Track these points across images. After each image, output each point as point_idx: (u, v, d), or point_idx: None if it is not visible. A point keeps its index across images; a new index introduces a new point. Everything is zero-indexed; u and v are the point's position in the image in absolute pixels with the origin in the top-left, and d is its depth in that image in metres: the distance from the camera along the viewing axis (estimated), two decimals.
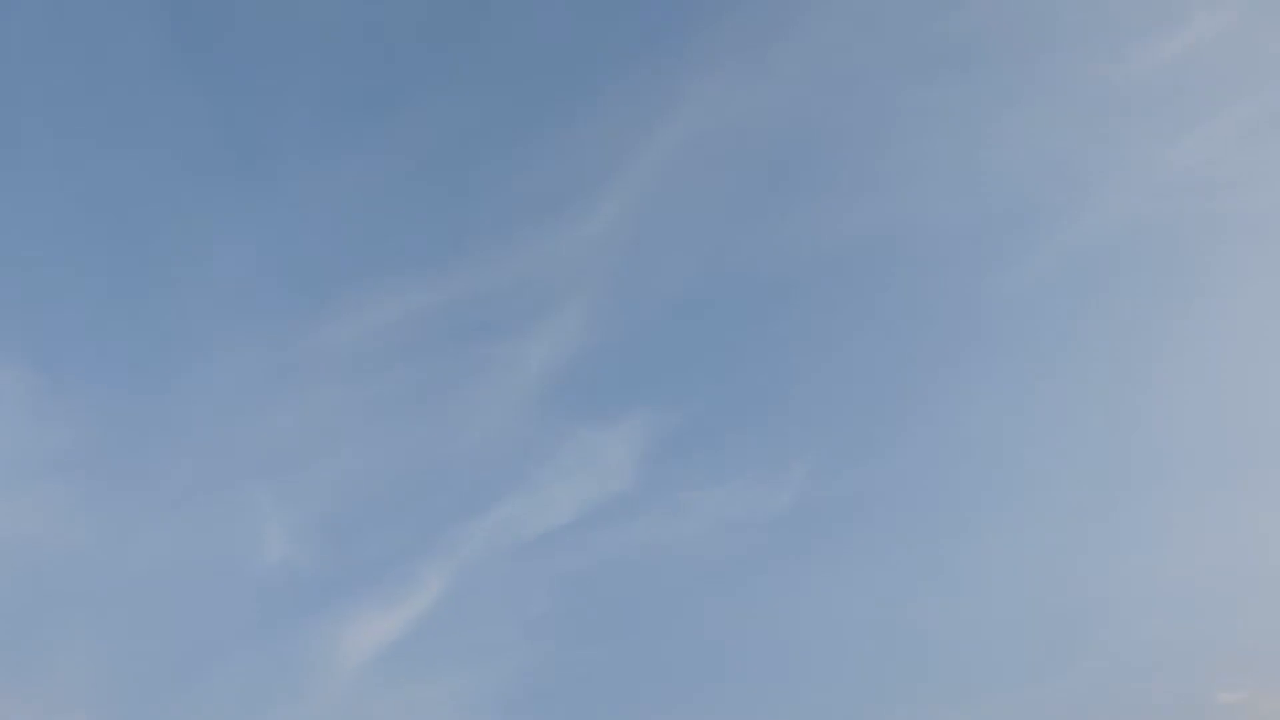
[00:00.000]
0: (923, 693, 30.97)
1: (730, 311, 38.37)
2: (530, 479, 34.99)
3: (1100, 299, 36.95)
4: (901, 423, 36.43)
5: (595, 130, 38.38)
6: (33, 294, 35.26)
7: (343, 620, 32.36)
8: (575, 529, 34.16)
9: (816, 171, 38.86)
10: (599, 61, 38.78)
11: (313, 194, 37.35)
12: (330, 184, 37.41)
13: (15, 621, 30.90)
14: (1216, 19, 36.30)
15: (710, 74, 38.63)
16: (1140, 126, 37.09)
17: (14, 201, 35.76)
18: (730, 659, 32.56)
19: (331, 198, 37.37)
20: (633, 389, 36.97)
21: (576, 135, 38.37)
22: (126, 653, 31.20)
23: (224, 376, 35.63)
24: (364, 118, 38.02)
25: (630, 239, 38.13)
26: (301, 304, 36.63)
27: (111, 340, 35.60)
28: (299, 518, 33.86)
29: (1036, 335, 37.27)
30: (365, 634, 32.12)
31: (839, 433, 36.42)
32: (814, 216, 38.29)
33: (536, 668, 32.19)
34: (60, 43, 36.36)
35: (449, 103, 38.45)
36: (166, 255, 36.88)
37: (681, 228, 38.68)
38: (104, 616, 31.71)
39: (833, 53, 38.65)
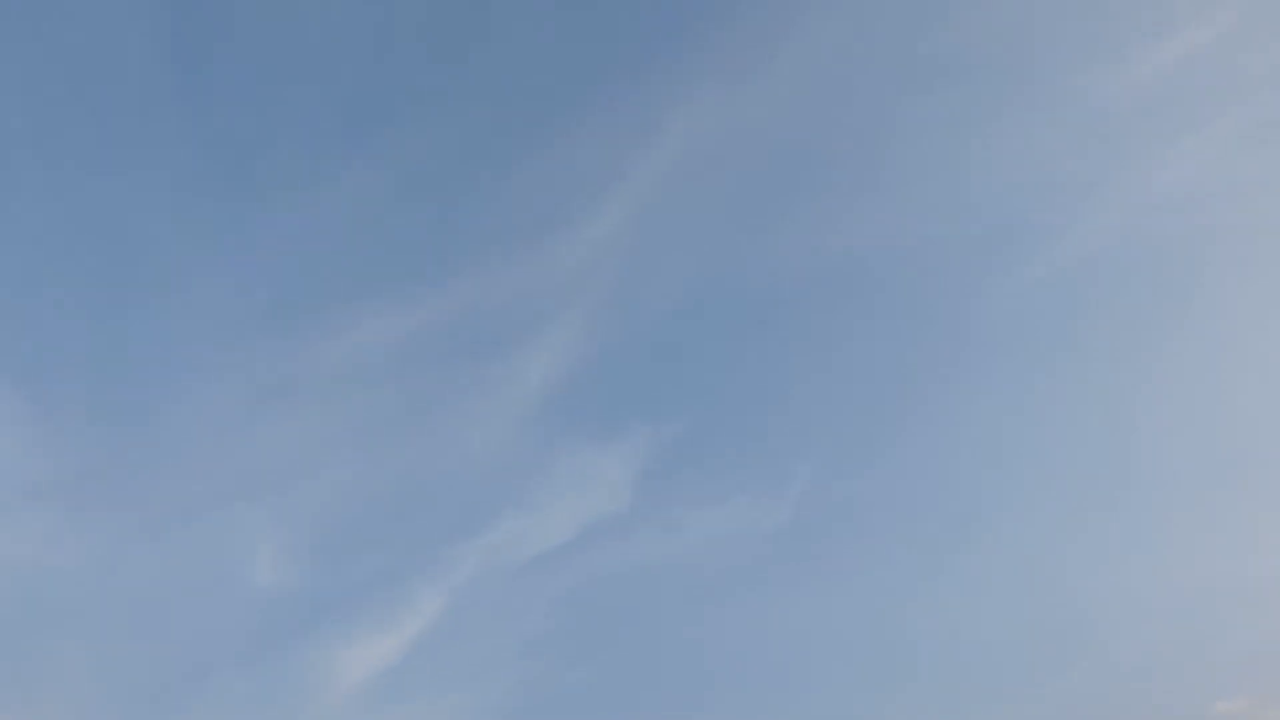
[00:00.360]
0: (921, 701, 30.94)
1: (726, 325, 38.45)
2: (527, 497, 34.88)
3: (1093, 309, 37.13)
4: (898, 433, 36.53)
5: (589, 147, 38.39)
6: (19, 318, 34.89)
7: (337, 642, 32.14)
8: (572, 548, 34.05)
9: (811, 186, 38.92)
10: (592, 78, 38.79)
11: (304, 212, 37.16)
12: (322, 202, 37.24)
13: (4, 645, 30.49)
14: (1204, 31, 36.60)
15: (705, 88, 38.76)
16: (1131, 138, 37.36)
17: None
18: (728, 675, 32.44)
19: (324, 216, 37.20)
20: (629, 405, 36.93)
21: (570, 151, 38.36)
22: (117, 676, 30.81)
23: (214, 398, 35.35)
24: (356, 136, 37.87)
25: (625, 254, 38.15)
26: (292, 324, 36.41)
27: (99, 363, 35.21)
28: (291, 539, 33.64)
29: (1030, 345, 37.43)
30: (360, 655, 31.88)
31: (835, 445, 36.46)
32: (808, 231, 38.41)
33: (533, 686, 32.03)
34: (49, 64, 36.05)
35: (442, 119, 38.40)
36: (155, 277, 36.63)
37: (676, 242, 38.71)
38: (93, 640, 31.37)
39: (827, 67, 38.83)
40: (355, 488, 34.61)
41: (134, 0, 36.07)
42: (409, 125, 37.86)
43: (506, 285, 37.29)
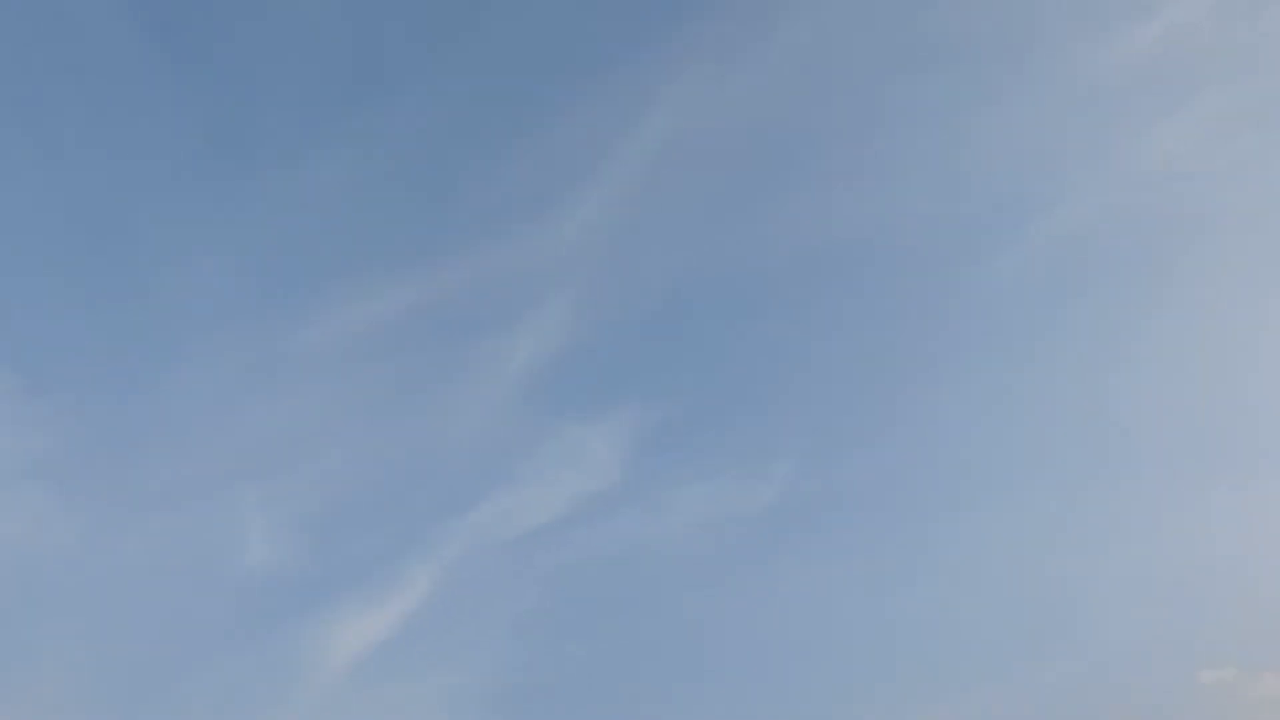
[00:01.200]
0: (906, 686, 31.07)
1: (713, 308, 38.61)
2: (515, 476, 35.07)
3: (1078, 289, 37.39)
4: (884, 418, 36.69)
5: (578, 128, 38.57)
6: (10, 298, 35.09)
7: (329, 620, 32.28)
8: (560, 526, 34.24)
9: (799, 168, 39.12)
10: (582, 60, 39.06)
11: (293, 193, 37.34)
12: (311, 183, 37.43)
13: None
14: (1186, 10, 36.94)
15: (694, 71, 38.95)
16: (1115, 118, 37.62)
17: None
18: (715, 653, 32.64)
19: (312, 197, 37.39)
20: (617, 385, 37.10)
21: (560, 133, 38.56)
22: (111, 654, 30.97)
23: (205, 378, 35.55)
24: (344, 118, 38.08)
25: (614, 236, 38.35)
26: (282, 304, 36.61)
27: (91, 343, 35.42)
28: (283, 518, 33.80)
29: (1016, 327, 37.65)
30: (352, 633, 32.06)
31: (822, 428, 36.63)
32: (796, 212, 38.60)
33: (524, 663, 32.26)
34: (36, 46, 36.22)
35: (431, 102, 38.58)
36: (145, 257, 36.82)
37: (664, 225, 38.91)
38: (87, 619, 31.50)
39: (815, 50, 39.03)
40: (346, 466, 34.91)
41: None
42: (398, 108, 38.19)
43: (495, 266, 37.54)
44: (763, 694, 31.29)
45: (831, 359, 37.67)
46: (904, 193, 38.43)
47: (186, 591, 32.56)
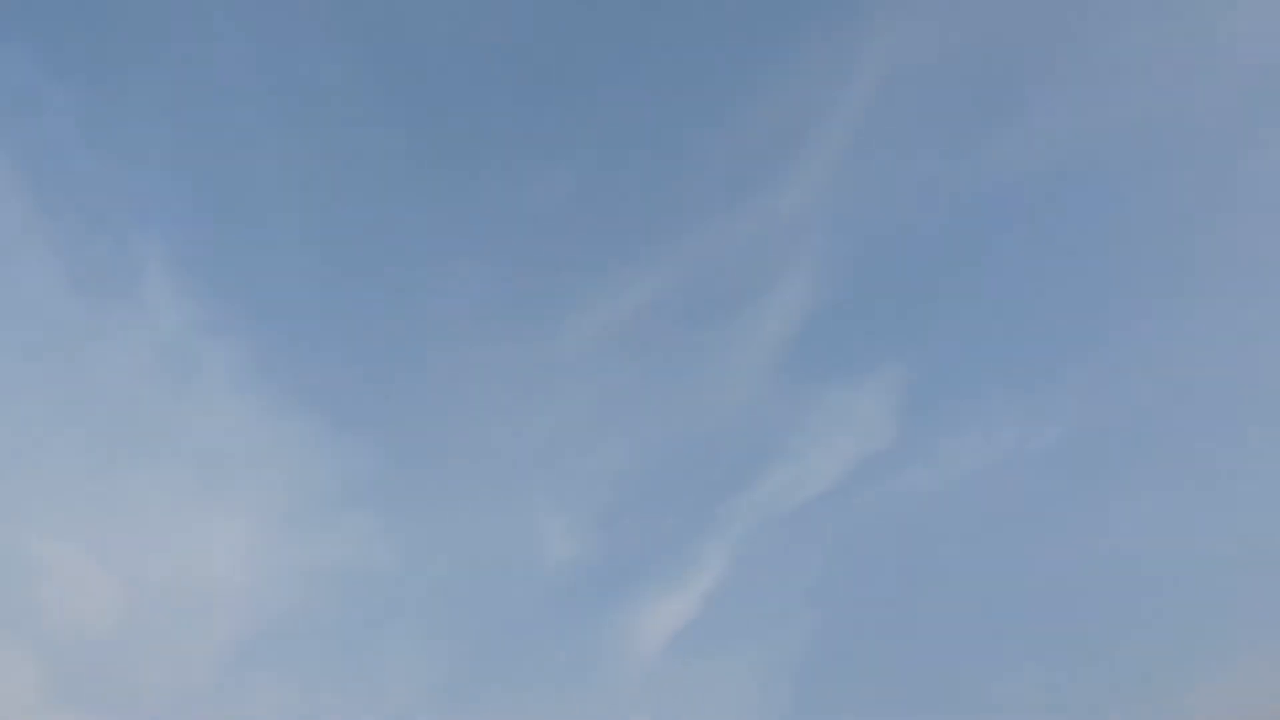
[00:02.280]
0: (1225, 629, 29.26)
1: (959, 246, 36.77)
2: (789, 447, 35.23)
3: None
4: (1170, 337, 34.05)
5: (791, 85, 37.14)
6: (312, 345, 37.55)
7: (634, 606, 33.74)
8: (841, 490, 34.28)
9: (1030, 82, 36.39)
10: (786, 18, 37.72)
11: (521, 200, 37.85)
12: (536, 189, 37.81)
13: (343, 636, 33.77)
14: None
15: (899, 15, 36.89)
16: None
17: (270, 261, 38.01)
18: (1016, 604, 31.67)
19: (541, 202, 37.72)
20: (873, 343, 36.38)
21: (773, 94, 37.34)
22: (446, 656, 33.53)
23: (481, 389, 37.01)
24: (556, 118, 37.96)
25: (842, 191, 37.07)
26: (535, 311, 37.42)
27: (377, 371, 37.39)
28: (576, 513, 35.34)
29: None
30: (658, 617, 33.42)
31: (1102, 356, 34.54)
32: (1035, 129, 35.99)
33: (821, 632, 32.73)
34: (275, 87, 38.00)
35: (641, 86, 38.01)
36: (408, 279, 38.18)
37: (891, 172, 37.19)
38: (419, 626, 34.18)
39: None
40: (625, 458, 35.93)
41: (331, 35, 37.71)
42: (611, 100, 37.91)
43: (729, 241, 37.29)
44: (1081, 639, 30.36)
45: (1101, 280, 35.35)
46: (1162, 86, 35.07)
47: (501, 592, 34.74)
